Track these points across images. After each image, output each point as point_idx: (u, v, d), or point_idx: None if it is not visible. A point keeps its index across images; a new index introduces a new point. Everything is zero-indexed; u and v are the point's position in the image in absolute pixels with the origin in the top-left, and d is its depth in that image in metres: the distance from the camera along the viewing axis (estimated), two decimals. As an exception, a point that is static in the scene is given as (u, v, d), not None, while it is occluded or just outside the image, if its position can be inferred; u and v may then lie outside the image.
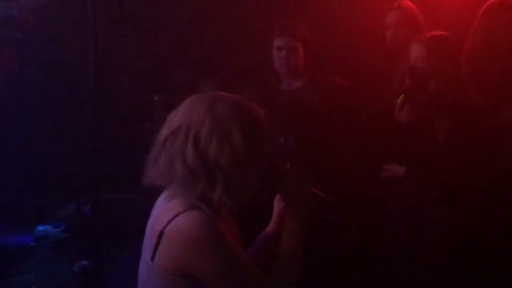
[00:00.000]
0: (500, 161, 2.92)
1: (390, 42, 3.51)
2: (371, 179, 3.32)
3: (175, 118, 1.79)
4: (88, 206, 3.71)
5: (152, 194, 1.91)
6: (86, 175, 3.28)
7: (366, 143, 3.34)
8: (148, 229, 1.86)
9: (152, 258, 1.75)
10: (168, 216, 1.74)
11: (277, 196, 2.05)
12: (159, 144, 1.78)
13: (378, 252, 3.41)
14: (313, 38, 3.52)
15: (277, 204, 2.07)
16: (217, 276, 1.72)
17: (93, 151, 2.51)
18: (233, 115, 1.75)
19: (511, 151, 2.88)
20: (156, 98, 4.28)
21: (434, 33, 3.08)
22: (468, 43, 2.92)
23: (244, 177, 1.75)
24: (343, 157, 3.35)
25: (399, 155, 3.17)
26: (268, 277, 1.80)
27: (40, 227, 3.54)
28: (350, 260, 3.52)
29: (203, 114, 1.74)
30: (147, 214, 1.93)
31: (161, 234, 1.72)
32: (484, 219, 3.13)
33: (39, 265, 3.16)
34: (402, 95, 3.03)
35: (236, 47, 4.38)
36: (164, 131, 1.79)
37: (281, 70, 3.49)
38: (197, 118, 1.74)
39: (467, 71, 2.94)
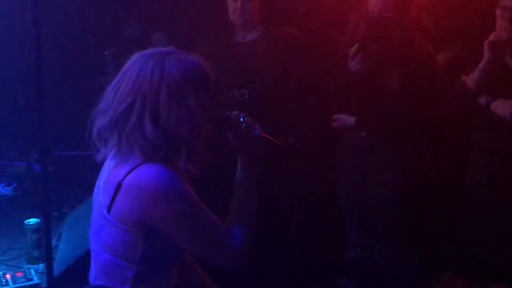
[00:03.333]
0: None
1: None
2: (324, 130, 3.33)
3: (123, 88, 1.71)
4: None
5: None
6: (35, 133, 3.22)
7: (320, 94, 3.33)
8: (101, 183, 1.82)
9: (109, 210, 1.73)
10: (125, 168, 1.71)
11: None
12: (109, 122, 1.71)
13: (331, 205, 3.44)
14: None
15: None
16: (178, 227, 1.71)
17: (39, 108, 2.43)
18: (187, 81, 1.69)
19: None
20: (106, 52, 4.16)
21: None
22: None
23: (202, 137, 1.74)
24: (297, 108, 3.34)
25: (351, 104, 3.17)
26: (227, 228, 1.78)
27: (-9, 185, 3.48)
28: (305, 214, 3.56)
29: (156, 83, 1.68)
30: (97, 170, 1.89)
31: (118, 186, 1.70)
32: (434, 168, 3.19)
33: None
34: (356, 44, 3.01)
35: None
36: (119, 106, 1.69)
37: (236, 22, 3.43)
38: (150, 88, 1.68)
39: (422, 18, 2.95)
